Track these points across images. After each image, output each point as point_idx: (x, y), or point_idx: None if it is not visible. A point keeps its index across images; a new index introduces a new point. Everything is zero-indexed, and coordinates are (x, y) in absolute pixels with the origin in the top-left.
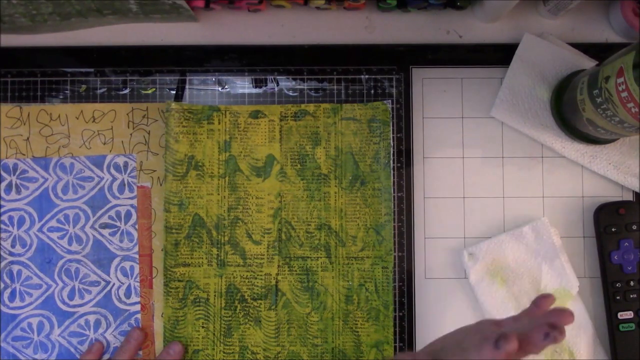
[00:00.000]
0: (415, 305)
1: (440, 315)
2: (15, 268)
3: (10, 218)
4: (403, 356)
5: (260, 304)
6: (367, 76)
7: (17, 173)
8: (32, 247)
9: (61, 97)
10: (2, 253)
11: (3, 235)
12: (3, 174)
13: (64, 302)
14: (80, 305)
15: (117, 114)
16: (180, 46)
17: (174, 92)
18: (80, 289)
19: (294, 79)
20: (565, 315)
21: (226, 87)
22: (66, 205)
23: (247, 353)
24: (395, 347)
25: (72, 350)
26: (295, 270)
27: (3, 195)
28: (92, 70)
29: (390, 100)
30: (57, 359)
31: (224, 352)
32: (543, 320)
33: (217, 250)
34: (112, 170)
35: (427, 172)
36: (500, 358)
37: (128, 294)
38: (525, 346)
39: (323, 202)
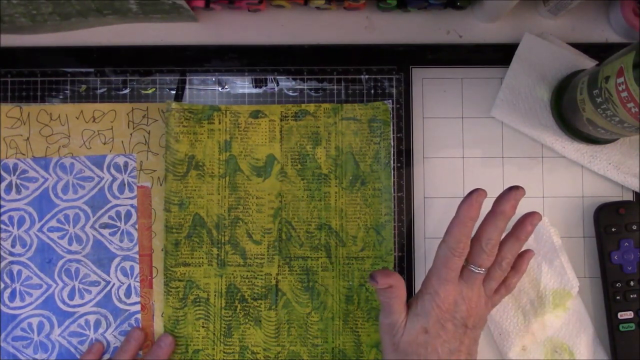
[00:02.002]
0: None
1: None
2: (15, 268)
3: (10, 218)
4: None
5: (261, 303)
6: (367, 76)
7: (17, 173)
8: (32, 247)
9: (61, 97)
10: (2, 253)
11: (3, 235)
12: (3, 174)
13: (64, 302)
14: (80, 305)
15: (117, 114)
16: (180, 46)
17: (174, 92)
18: (80, 289)
19: (294, 79)
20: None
21: (226, 87)
22: (66, 205)
23: (247, 353)
24: None
25: (72, 350)
26: (296, 270)
27: (3, 195)
28: (92, 70)
29: (390, 100)
30: (57, 359)
31: (224, 352)
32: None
33: (218, 250)
34: (112, 170)
35: (427, 172)
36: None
37: (128, 294)
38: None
39: (323, 202)
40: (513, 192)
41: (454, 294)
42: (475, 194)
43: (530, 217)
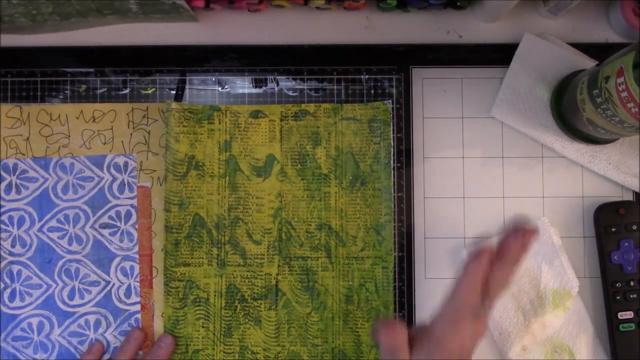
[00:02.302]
0: (415, 305)
1: None
2: (15, 268)
3: (10, 218)
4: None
5: (261, 304)
6: (367, 76)
7: (17, 173)
8: (32, 247)
9: (61, 97)
10: (2, 253)
11: (3, 235)
12: (3, 174)
13: (64, 302)
14: (80, 305)
15: (117, 114)
16: (180, 46)
17: (174, 92)
18: (80, 289)
19: (294, 79)
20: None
21: (226, 87)
22: (66, 205)
23: (247, 353)
24: None
25: (72, 350)
26: (296, 270)
27: (3, 195)
28: (92, 70)
29: (390, 101)
30: (57, 359)
31: (224, 352)
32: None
33: (218, 250)
34: (112, 170)
35: (427, 172)
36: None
37: (128, 294)
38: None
39: (323, 202)
40: (520, 235)
41: (460, 339)
42: (483, 255)
43: (523, 236)
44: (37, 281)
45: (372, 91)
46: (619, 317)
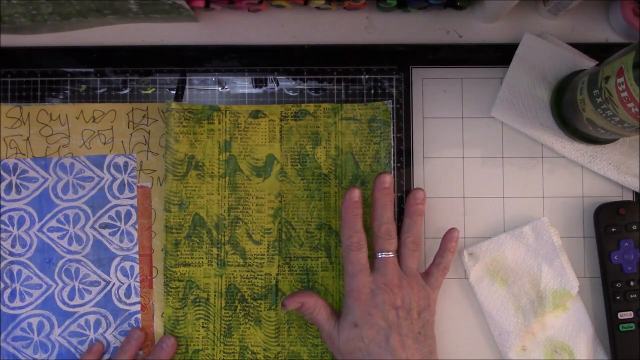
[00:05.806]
0: None
1: (439, 315)
2: (15, 268)
3: (10, 218)
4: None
5: (261, 303)
6: (367, 76)
7: (17, 173)
8: (32, 247)
9: (61, 97)
10: (2, 253)
11: (3, 235)
12: (3, 174)
13: (64, 302)
14: (80, 305)
15: (117, 114)
16: (180, 46)
17: (174, 92)
18: (80, 289)
19: (294, 79)
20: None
21: (226, 87)
22: (66, 205)
23: (247, 353)
24: None
25: (72, 350)
26: (296, 270)
27: (3, 195)
28: (92, 70)
29: (390, 101)
30: (57, 359)
31: (224, 352)
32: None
33: (217, 250)
34: (112, 170)
35: (427, 172)
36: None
37: (128, 294)
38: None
39: (323, 202)
40: (383, 178)
41: (368, 284)
42: (348, 196)
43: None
44: (37, 281)
45: (372, 91)
46: (619, 317)
